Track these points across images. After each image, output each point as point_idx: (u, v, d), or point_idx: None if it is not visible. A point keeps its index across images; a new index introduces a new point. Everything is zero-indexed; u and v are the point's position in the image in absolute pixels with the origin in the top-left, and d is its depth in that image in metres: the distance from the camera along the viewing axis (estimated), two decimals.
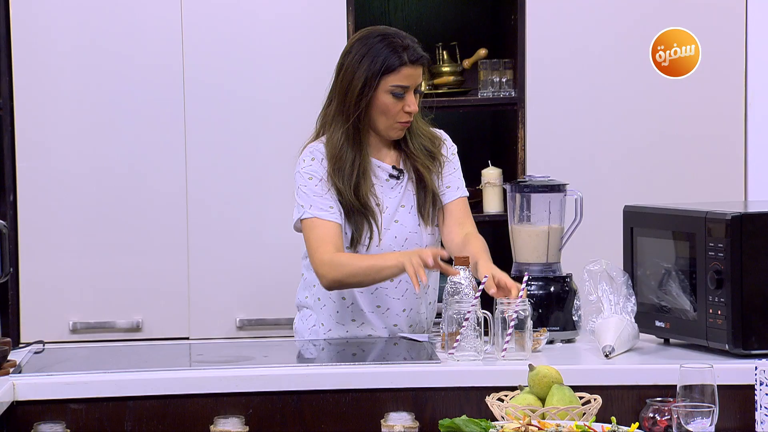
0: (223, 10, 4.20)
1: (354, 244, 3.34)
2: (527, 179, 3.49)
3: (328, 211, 3.30)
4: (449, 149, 3.46)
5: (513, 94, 4.32)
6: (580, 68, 4.30)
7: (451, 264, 3.19)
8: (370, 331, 3.40)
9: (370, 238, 3.33)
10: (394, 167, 3.40)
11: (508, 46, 4.39)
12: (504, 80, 4.35)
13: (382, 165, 3.39)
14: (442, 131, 3.49)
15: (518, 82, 4.30)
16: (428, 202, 3.39)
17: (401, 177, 3.39)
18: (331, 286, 3.30)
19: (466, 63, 4.47)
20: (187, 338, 4.18)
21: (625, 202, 3.40)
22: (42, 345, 3.29)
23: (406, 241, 3.37)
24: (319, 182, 3.33)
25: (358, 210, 3.31)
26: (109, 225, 4.18)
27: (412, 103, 3.31)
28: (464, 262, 3.19)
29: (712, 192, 4.22)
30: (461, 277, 3.17)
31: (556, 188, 3.43)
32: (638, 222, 3.32)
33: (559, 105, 4.30)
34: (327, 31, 4.21)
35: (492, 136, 4.70)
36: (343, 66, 3.35)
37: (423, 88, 3.42)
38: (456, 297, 3.13)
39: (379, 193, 3.37)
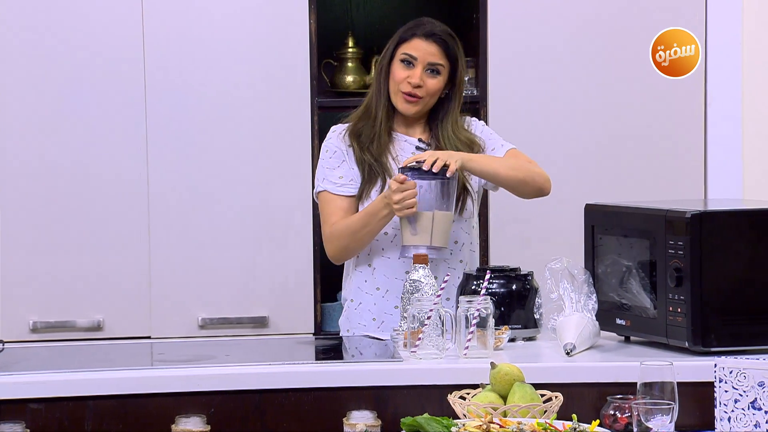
0: (185, 4, 4.17)
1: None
2: None
3: (336, 183, 3.45)
4: (479, 130, 3.58)
5: (475, 92, 4.32)
6: (543, 67, 4.30)
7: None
8: None
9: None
10: (420, 140, 3.52)
11: (470, 44, 4.39)
12: (466, 79, 4.34)
13: (408, 139, 3.51)
14: (468, 117, 3.60)
15: (480, 80, 4.31)
16: (458, 189, 3.46)
17: (430, 148, 3.48)
18: (335, 256, 3.45)
19: None
20: (149, 337, 4.15)
21: (587, 201, 3.42)
22: (1, 344, 3.26)
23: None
24: (333, 154, 3.48)
25: (371, 162, 3.43)
26: (69, 223, 4.15)
27: (416, 76, 3.46)
28: (423, 260, 3.19)
29: (673, 191, 4.24)
30: (421, 275, 3.17)
31: None
32: (599, 220, 3.33)
33: (522, 104, 4.30)
34: (290, 29, 4.19)
35: None
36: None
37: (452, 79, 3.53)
38: (416, 295, 3.13)
39: (401, 158, 3.45)
